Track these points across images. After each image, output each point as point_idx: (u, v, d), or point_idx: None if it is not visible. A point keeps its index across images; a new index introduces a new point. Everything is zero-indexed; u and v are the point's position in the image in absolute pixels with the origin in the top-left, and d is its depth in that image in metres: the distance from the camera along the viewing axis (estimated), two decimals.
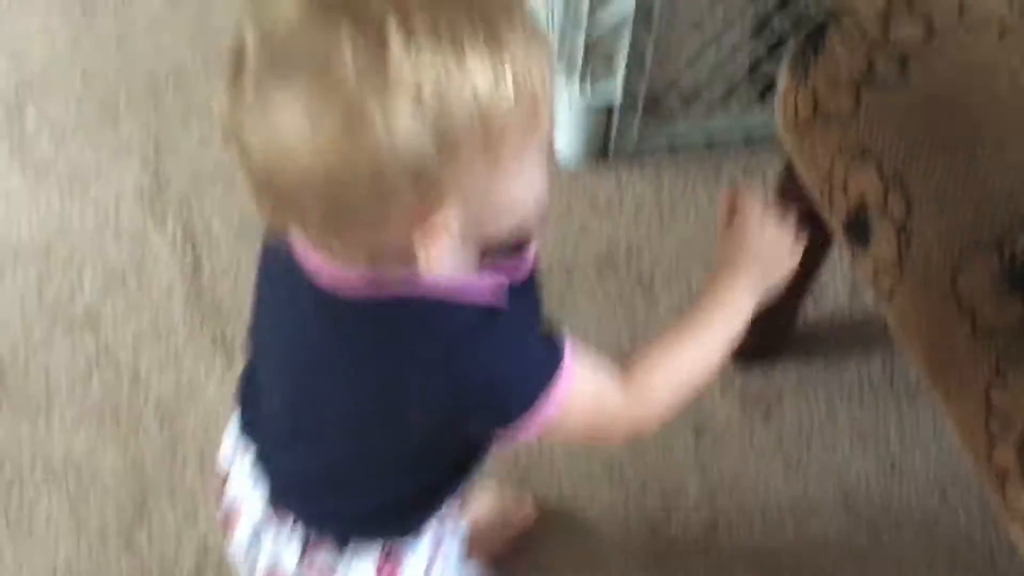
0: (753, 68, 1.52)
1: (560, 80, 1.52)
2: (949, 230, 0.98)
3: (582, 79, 1.50)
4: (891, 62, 1.05)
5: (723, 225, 0.95)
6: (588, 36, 1.44)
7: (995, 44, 1.05)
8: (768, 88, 1.46)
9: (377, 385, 0.82)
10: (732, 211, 0.95)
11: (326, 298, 0.81)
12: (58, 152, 1.57)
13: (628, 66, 1.47)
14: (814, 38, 1.09)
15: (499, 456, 0.99)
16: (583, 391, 0.81)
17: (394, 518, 1.00)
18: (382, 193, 0.68)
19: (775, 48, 1.47)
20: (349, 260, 0.77)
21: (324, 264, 0.79)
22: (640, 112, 1.53)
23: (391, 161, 0.66)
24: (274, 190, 0.71)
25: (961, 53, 1.05)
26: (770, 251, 0.93)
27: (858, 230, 1.04)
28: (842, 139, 1.06)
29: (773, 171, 1.28)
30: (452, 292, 0.77)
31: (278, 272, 0.88)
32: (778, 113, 1.13)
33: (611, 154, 1.60)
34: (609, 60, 1.49)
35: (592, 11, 1.42)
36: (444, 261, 0.74)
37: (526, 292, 0.85)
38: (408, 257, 0.72)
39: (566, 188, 1.54)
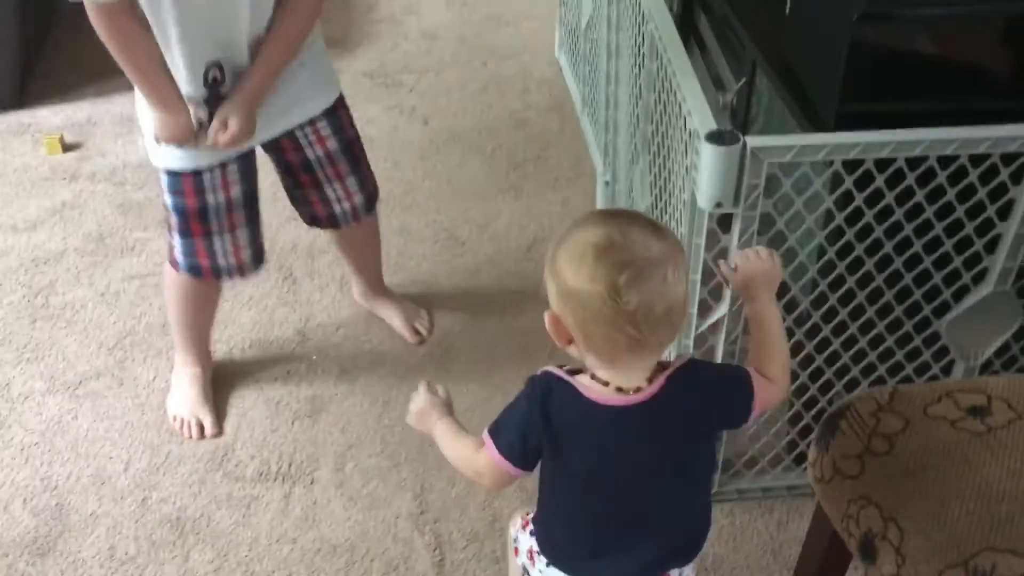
0: (791, 445, 1.56)
1: None
2: (932, 553, 1.02)
3: None
4: (882, 441, 1.12)
5: (731, 281, 1.07)
6: None
7: (949, 430, 1.12)
8: (802, 457, 1.50)
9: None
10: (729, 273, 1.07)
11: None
12: (364, 485, 1.65)
13: None
14: (831, 425, 1.16)
15: None
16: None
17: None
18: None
19: (805, 432, 1.51)
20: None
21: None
22: (718, 471, 1.57)
23: None
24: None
25: (928, 436, 1.12)
26: (765, 273, 1.05)
27: (867, 551, 1.07)
28: (853, 491, 1.10)
29: (809, 510, 1.30)
30: None
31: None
32: (810, 473, 1.17)
33: None
34: None
35: None
36: None
37: None
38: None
39: None
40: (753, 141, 1.22)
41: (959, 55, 1.24)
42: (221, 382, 1.83)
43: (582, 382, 0.98)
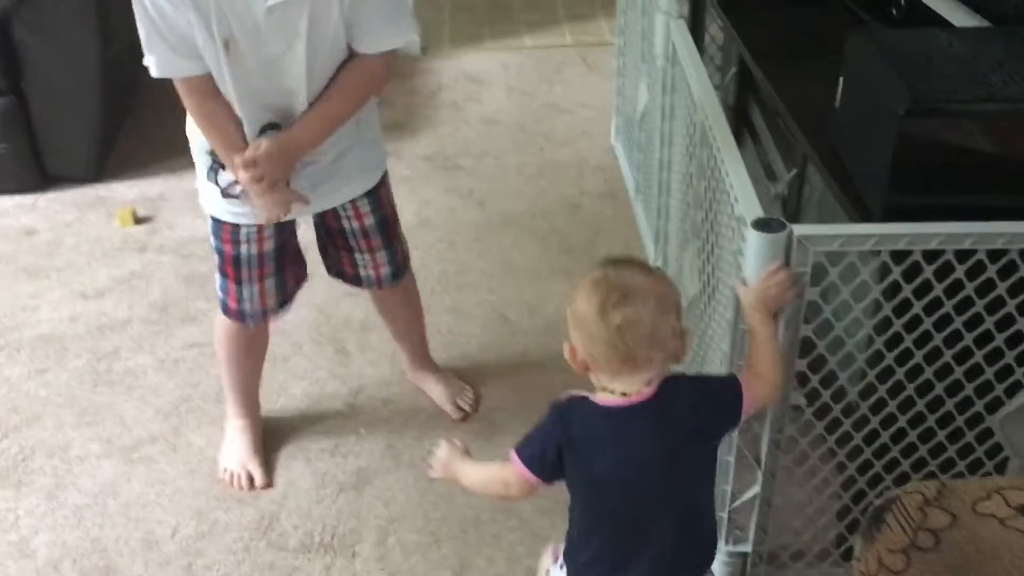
0: (839, 539, 1.53)
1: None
2: None
3: (726, 540, 1.52)
4: (929, 536, 1.08)
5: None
6: (731, 511, 1.49)
7: (998, 528, 1.07)
8: (850, 552, 1.48)
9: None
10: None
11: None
12: (405, 559, 1.65)
13: (756, 531, 1.51)
14: (877, 518, 1.13)
15: None
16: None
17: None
18: None
19: (853, 527, 1.48)
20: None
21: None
22: (764, 562, 1.55)
23: None
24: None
25: (976, 533, 1.08)
26: (772, 299, 1.22)
27: None
28: None
29: None
30: None
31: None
32: (855, 568, 1.14)
33: None
34: (745, 528, 1.53)
35: (733, 497, 1.48)
36: None
37: None
38: None
39: None
40: (800, 229, 1.24)
41: (1006, 149, 1.25)
42: (271, 450, 1.86)
43: (596, 396, 1.18)
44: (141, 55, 1.44)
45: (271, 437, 1.89)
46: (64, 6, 2.50)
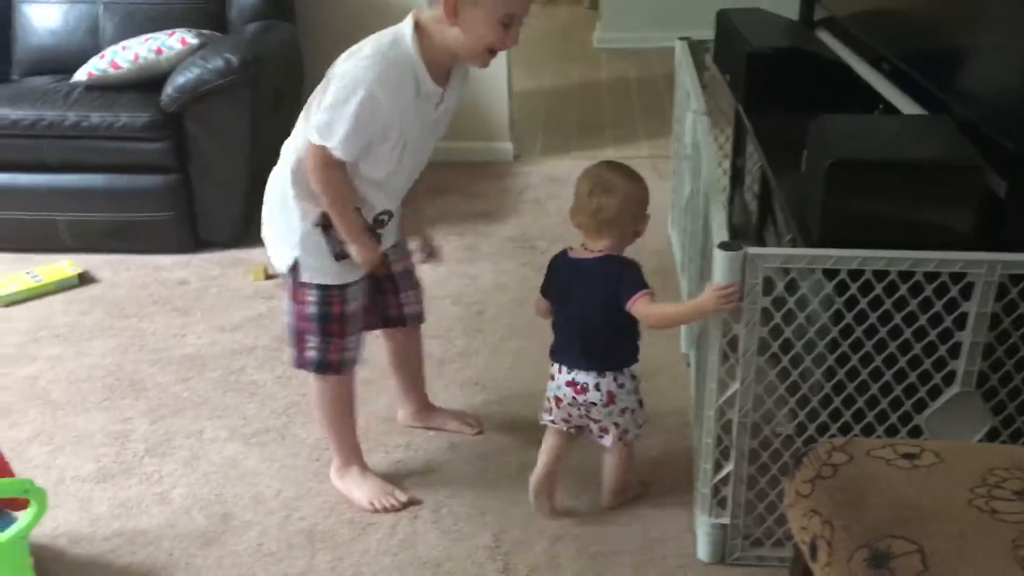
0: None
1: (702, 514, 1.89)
2: (850, 540, 1.27)
3: (709, 513, 1.84)
4: (829, 469, 1.40)
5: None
6: (714, 487, 1.80)
7: (883, 465, 1.38)
8: None
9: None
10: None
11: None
12: (455, 523, 2.04)
13: (732, 505, 1.82)
14: (797, 461, 1.47)
15: None
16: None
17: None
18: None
19: None
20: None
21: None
22: (741, 531, 1.84)
23: None
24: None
25: (865, 467, 1.38)
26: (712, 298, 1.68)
27: (813, 553, 1.34)
28: (806, 507, 1.39)
29: None
30: None
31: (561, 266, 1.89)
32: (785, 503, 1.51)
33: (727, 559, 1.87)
34: (724, 502, 1.84)
35: (713, 474, 1.80)
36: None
37: None
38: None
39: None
40: (752, 250, 1.67)
41: (911, 194, 1.63)
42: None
43: (572, 251, 1.90)
44: (279, 148, 1.83)
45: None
46: (226, 105, 3.14)
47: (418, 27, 1.72)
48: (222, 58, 3.05)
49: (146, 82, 3.19)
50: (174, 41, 3.21)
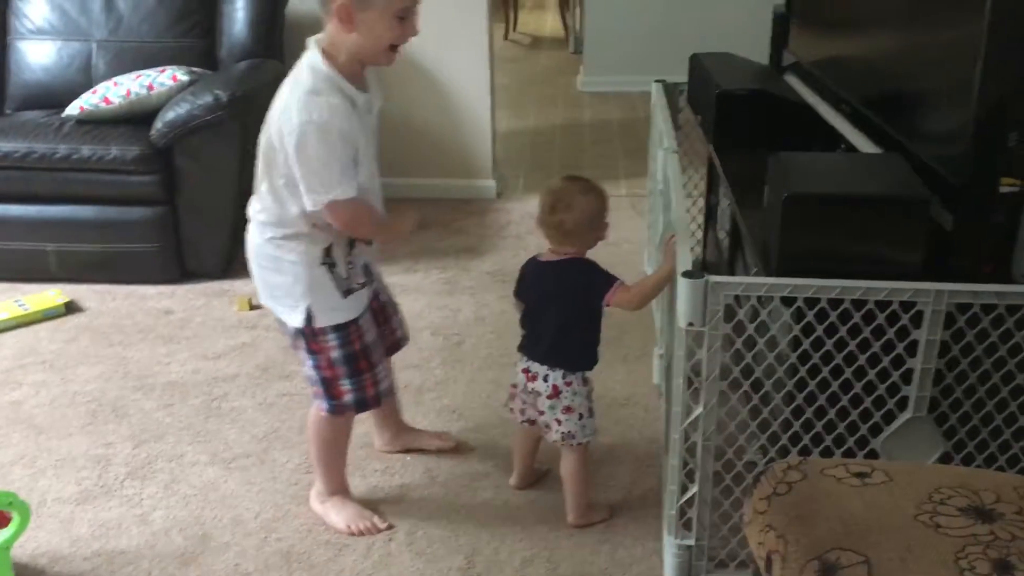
0: None
1: (668, 537, 1.94)
2: (801, 553, 1.33)
3: (674, 535, 1.88)
4: (784, 487, 1.47)
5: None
6: (682, 508, 1.84)
7: (835, 483, 1.43)
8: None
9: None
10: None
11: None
12: (429, 545, 2.12)
13: (697, 526, 1.86)
14: (756, 480, 1.53)
15: None
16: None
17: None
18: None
19: None
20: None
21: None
22: (706, 553, 1.88)
23: None
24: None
25: (817, 485, 1.44)
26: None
27: (768, 566, 1.40)
28: (762, 523, 1.44)
29: None
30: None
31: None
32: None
33: None
34: (690, 524, 1.88)
35: (677, 496, 1.84)
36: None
37: None
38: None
39: None
40: (713, 278, 1.75)
41: (862, 226, 1.72)
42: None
43: (540, 255, 2.06)
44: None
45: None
46: (215, 140, 3.22)
47: (323, 50, 1.78)
48: (211, 94, 3.13)
49: (137, 117, 3.26)
50: (165, 78, 3.30)
